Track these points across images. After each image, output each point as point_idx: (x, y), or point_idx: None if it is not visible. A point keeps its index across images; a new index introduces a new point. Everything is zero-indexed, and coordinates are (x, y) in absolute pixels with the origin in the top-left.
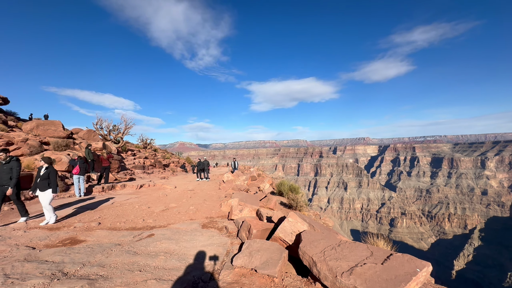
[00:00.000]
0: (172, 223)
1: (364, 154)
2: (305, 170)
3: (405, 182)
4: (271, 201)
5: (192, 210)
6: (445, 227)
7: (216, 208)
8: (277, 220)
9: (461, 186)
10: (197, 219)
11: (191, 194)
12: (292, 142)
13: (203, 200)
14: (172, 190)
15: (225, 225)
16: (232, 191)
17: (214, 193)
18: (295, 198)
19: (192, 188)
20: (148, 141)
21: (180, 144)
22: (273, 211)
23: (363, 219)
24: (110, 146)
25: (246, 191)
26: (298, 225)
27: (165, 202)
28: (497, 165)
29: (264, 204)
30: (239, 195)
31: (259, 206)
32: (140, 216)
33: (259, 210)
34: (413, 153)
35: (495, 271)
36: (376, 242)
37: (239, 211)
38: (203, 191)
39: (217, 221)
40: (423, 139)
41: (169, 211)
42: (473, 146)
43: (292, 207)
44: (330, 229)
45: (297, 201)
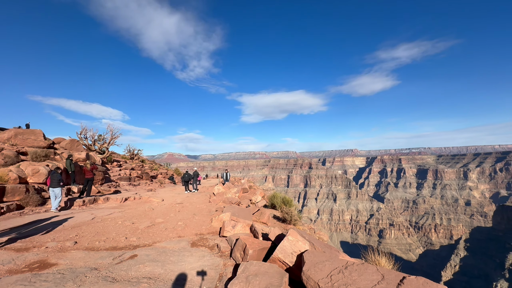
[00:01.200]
0: (158, 241)
1: (352, 165)
2: (294, 182)
3: (392, 193)
4: (264, 215)
5: (180, 226)
6: (432, 238)
7: (207, 223)
8: (275, 238)
9: (446, 197)
10: (185, 236)
11: (179, 207)
12: (282, 153)
13: (192, 215)
14: (159, 204)
15: (217, 243)
16: (223, 205)
17: (204, 206)
18: (289, 211)
19: (181, 201)
20: (135, 151)
21: (169, 155)
22: (269, 228)
23: (353, 230)
24: (94, 157)
25: (238, 204)
26: (299, 244)
27: (151, 217)
28: (478, 177)
29: (257, 218)
30: (230, 209)
31: (252, 221)
32: (123, 233)
33: (254, 226)
34: (400, 165)
35: (481, 281)
36: (378, 260)
37: (231, 227)
38: (193, 205)
39: (208, 238)
40: (409, 151)
41: (155, 227)
42: (456, 158)
43: (286, 221)
44: (331, 246)
45: (291, 215)
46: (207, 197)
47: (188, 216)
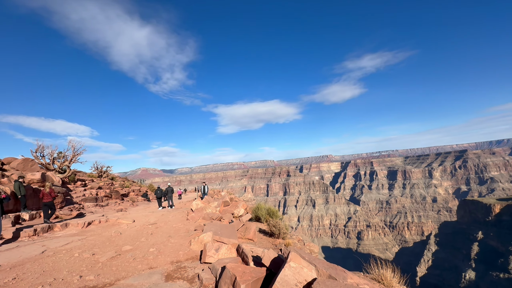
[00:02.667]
0: (123, 278)
1: (328, 171)
2: (274, 190)
3: (367, 195)
4: (250, 230)
5: (152, 254)
6: (405, 236)
7: (185, 246)
8: (270, 263)
9: (415, 196)
10: (159, 267)
11: (152, 229)
12: (260, 162)
13: (167, 237)
14: (129, 226)
15: (198, 273)
16: (203, 222)
17: (181, 225)
18: (276, 224)
19: (155, 221)
20: (104, 169)
21: (142, 170)
22: (261, 250)
23: (333, 234)
24: (52, 177)
25: (219, 220)
26: (304, 272)
27: (117, 244)
28: (441, 175)
29: (242, 235)
30: (212, 226)
31: (238, 239)
32: (78, 270)
33: (241, 248)
34: (372, 168)
35: (452, 273)
36: (383, 274)
37: (214, 251)
38: (168, 224)
39: (187, 266)
40: (379, 154)
41: (120, 257)
42: (421, 158)
43: (274, 235)
44: (334, 266)
45: (279, 228)
46: (184, 214)
47: (163, 239)
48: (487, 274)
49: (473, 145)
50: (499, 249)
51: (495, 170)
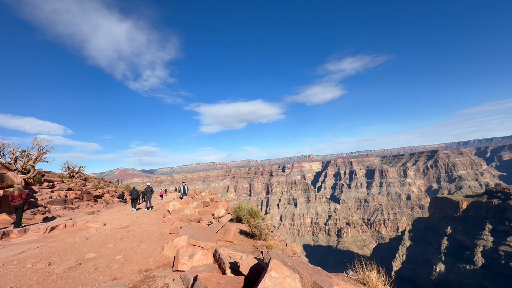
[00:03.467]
0: None
1: (310, 170)
2: (256, 190)
3: (346, 194)
4: (230, 232)
5: (118, 262)
6: (382, 232)
7: (157, 252)
8: (249, 271)
9: (391, 194)
10: (124, 277)
11: (124, 233)
12: (243, 162)
13: (138, 242)
14: (98, 230)
15: (167, 283)
16: (180, 224)
17: (156, 228)
18: (257, 225)
19: (128, 224)
20: (76, 169)
21: (121, 170)
22: (239, 254)
23: (314, 233)
24: (13, 177)
25: (198, 222)
26: (287, 283)
27: (80, 252)
28: (415, 173)
29: (222, 237)
30: (188, 229)
31: (216, 243)
32: (26, 284)
33: (218, 252)
34: (351, 167)
35: (424, 266)
36: (368, 276)
37: (188, 257)
38: (142, 227)
39: (157, 275)
40: (358, 153)
41: (80, 267)
42: (396, 158)
43: (255, 237)
44: (318, 269)
45: (260, 229)
46: (161, 216)
47: (133, 244)
48: (455, 266)
49: (444, 145)
50: (465, 243)
51: (462, 169)
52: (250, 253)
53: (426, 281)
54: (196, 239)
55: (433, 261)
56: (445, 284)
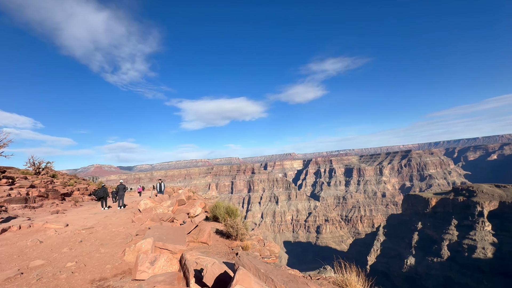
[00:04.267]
0: None
1: (291, 168)
2: (238, 187)
3: (326, 192)
4: (204, 232)
5: (68, 270)
6: (359, 228)
7: (117, 257)
8: (214, 282)
9: (368, 191)
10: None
11: (85, 235)
12: (225, 160)
13: (98, 246)
14: (57, 232)
15: None
16: (150, 224)
17: (123, 229)
18: (234, 224)
19: (93, 224)
20: (42, 164)
21: (96, 167)
22: (208, 260)
23: (294, 229)
24: None
25: (172, 221)
26: None
27: (28, 258)
28: (390, 172)
29: (195, 238)
30: (157, 230)
31: (188, 245)
32: None
33: (185, 258)
34: (331, 165)
35: (396, 260)
36: (347, 279)
37: (149, 264)
38: (107, 228)
39: (111, 286)
40: (338, 152)
41: (20, 278)
42: (373, 157)
43: (231, 237)
44: (295, 277)
45: (237, 229)
46: (132, 215)
47: (91, 248)
48: (424, 259)
49: (416, 146)
50: (434, 237)
51: (433, 168)
52: (225, 255)
53: (398, 274)
54: (163, 242)
55: (404, 255)
56: (415, 276)
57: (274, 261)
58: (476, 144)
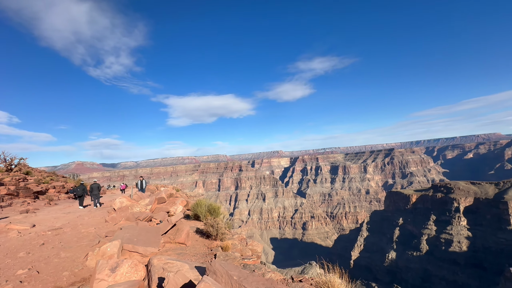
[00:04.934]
0: None
1: (278, 166)
2: (226, 185)
3: (312, 189)
4: (182, 232)
5: (17, 279)
6: (343, 224)
7: (78, 262)
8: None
9: (352, 188)
10: None
11: (50, 237)
12: (212, 157)
13: (60, 249)
14: (20, 234)
15: None
16: (125, 224)
17: (93, 230)
18: (214, 223)
19: (62, 224)
20: (15, 161)
21: (77, 164)
22: (178, 265)
23: (281, 226)
24: None
25: (149, 220)
26: None
27: None
28: (374, 170)
29: (172, 238)
30: (128, 231)
31: (161, 246)
32: None
33: (151, 264)
34: (317, 163)
35: (379, 254)
36: (330, 280)
37: (110, 271)
38: (77, 229)
39: None
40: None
41: None
42: (358, 155)
43: (211, 237)
44: (272, 283)
45: (217, 228)
46: (107, 214)
47: (52, 253)
48: (404, 253)
49: (399, 144)
50: (413, 232)
51: (414, 166)
52: (202, 256)
53: (379, 268)
54: (134, 244)
55: (386, 250)
56: (395, 270)
57: (255, 262)
58: (454, 143)
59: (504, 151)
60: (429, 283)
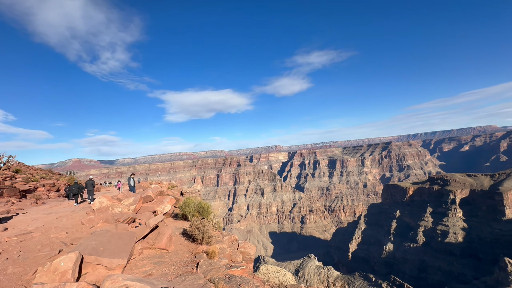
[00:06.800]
0: None
1: (276, 160)
2: (224, 180)
3: (310, 183)
4: (163, 236)
5: None
6: (341, 217)
7: (24, 280)
8: None
9: (350, 182)
10: None
11: (12, 243)
12: (211, 152)
13: (11, 262)
14: None
15: None
16: (102, 226)
17: (65, 234)
18: (200, 226)
19: (35, 227)
20: (3, 158)
21: (74, 161)
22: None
23: (279, 220)
24: None
25: (132, 221)
26: None
27: None
28: (371, 163)
29: (151, 244)
30: (97, 237)
31: (139, 253)
32: None
33: (105, 286)
34: (315, 157)
35: (376, 246)
36: None
37: None
38: (47, 233)
39: None
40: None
41: None
42: (356, 149)
43: (196, 240)
44: None
45: (203, 231)
46: (85, 216)
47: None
48: (401, 245)
49: (396, 137)
50: (410, 224)
51: (411, 159)
52: (183, 266)
53: (377, 260)
54: (98, 255)
55: (383, 242)
56: (393, 262)
57: (243, 272)
58: (451, 136)
59: (499, 143)
60: (425, 273)
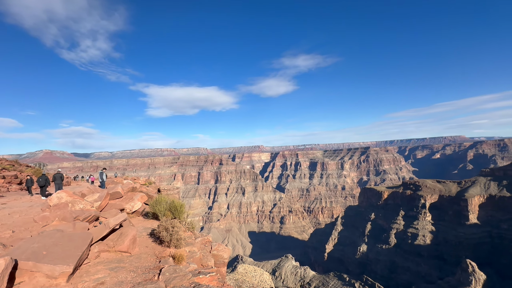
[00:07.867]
0: None
1: (259, 160)
2: (205, 178)
3: (291, 184)
4: (126, 237)
5: None
6: (319, 219)
7: None
8: None
9: (329, 184)
10: None
11: None
12: (193, 150)
13: None
14: None
15: None
16: (58, 224)
17: (9, 234)
18: (169, 227)
19: None
20: None
21: (45, 153)
22: None
23: (259, 220)
24: None
25: (95, 220)
26: None
27: None
28: (350, 167)
29: (112, 246)
30: (41, 239)
31: (94, 257)
32: None
33: None
34: (297, 159)
35: (351, 247)
36: None
37: None
38: None
39: None
40: (304, 146)
41: None
42: (336, 152)
43: (164, 242)
44: None
45: (171, 232)
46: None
47: None
48: (375, 246)
49: (374, 143)
50: (384, 226)
51: (387, 164)
52: (143, 273)
53: (351, 260)
54: (37, 261)
55: (358, 243)
56: (366, 262)
57: (211, 280)
58: (424, 144)
59: (467, 152)
60: (395, 273)
